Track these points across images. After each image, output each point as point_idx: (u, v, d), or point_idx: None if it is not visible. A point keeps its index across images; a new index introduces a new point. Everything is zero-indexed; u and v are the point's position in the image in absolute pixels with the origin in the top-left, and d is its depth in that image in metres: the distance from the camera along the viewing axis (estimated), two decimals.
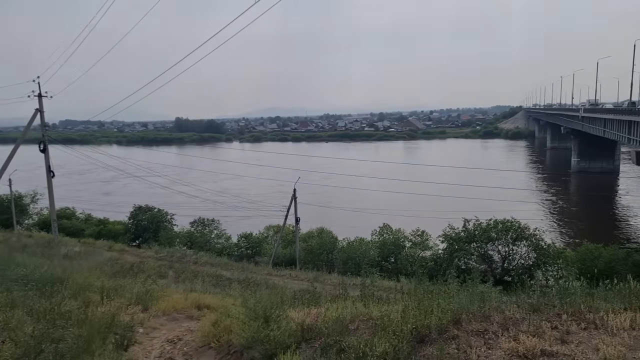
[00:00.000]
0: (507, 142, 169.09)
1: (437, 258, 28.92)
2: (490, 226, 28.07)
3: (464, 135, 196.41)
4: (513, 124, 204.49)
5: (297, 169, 45.28)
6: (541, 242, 27.27)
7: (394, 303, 7.00)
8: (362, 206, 51.83)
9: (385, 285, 22.13)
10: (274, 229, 35.92)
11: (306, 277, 23.34)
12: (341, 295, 8.42)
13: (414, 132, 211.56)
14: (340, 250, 30.19)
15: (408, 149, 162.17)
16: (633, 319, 5.51)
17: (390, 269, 29.50)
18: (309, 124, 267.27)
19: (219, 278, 20.58)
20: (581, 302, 6.07)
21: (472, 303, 6.29)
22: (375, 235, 32.94)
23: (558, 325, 5.58)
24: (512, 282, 25.40)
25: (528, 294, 6.74)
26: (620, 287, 6.63)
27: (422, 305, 6.04)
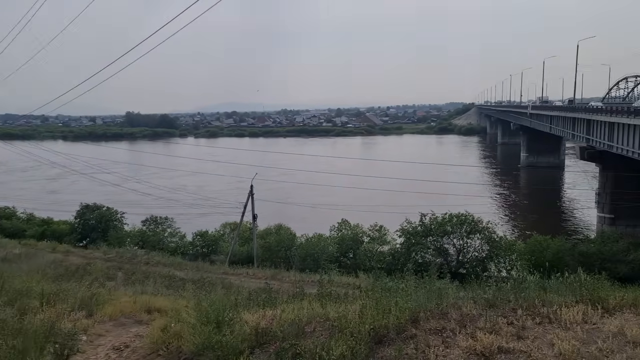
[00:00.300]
0: (461, 137, 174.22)
1: (395, 252, 29.25)
2: (445, 220, 28.66)
3: (420, 131, 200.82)
4: (466, 120, 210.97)
5: (256, 165, 44.68)
6: (493, 235, 28.12)
7: (352, 302, 6.83)
8: (321, 202, 51.82)
9: (344, 281, 22.13)
10: (230, 226, 35.19)
11: (264, 275, 22.98)
12: (298, 295, 8.16)
13: (371, 127, 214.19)
14: (298, 247, 29.96)
15: (366, 144, 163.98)
16: (585, 312, 5.58)
17: (349, 264, 29.57)
18: (267, 119, 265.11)
19: (172, 279, 19.87)
20: (535, 297, 6.11)
21: (430, 300, 6.21)
22: (334, 231, 32.94)
23: (514, 320, 5.58)
24: (467, 274, 26.04)
25: (484, 289, 6.74)
26: (571, 279, 6.74)
27: (380, 305, 5.90)
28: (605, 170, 46.48)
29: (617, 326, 5.15)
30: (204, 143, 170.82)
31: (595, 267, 26.92)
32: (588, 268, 26.20)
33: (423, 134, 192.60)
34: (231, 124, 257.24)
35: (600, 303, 5.82)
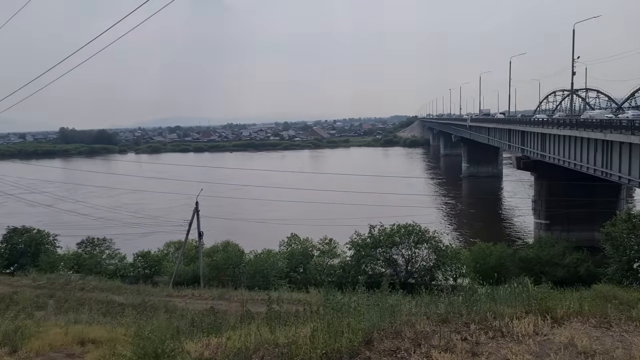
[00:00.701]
0: (406, 149, 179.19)
1: (345, 265, 29.24)
2: (394, 231, 29.05)
3: (367, 144, 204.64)
4: (410, 132, 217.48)
5: (203, 181, 43.44)
6: (440, 244, 28.77)
7: (303, 324, 6.50)
8: (272, 217, 51.14)
9: (294, 297, 21.70)
10: (175, 245, 33.75)
11: (210, 295, 22.07)
12: (245, 318, 7.70)
13: (318, 141, 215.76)
14: (247, 264, 29.19)
15: (314, 157, 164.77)
16: (535, 324, 5.56)
17: (300, 279, 29.17)
18: (212, 134, 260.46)
19: (110, 304, 18.54)
20: (486, 310, 6.05)
21: (383, 319, 6.00)
22: (283, 246, 32.44)
23: (467, 336, 5.46)
24: (416, 284, 26.37)
25: (436, 304, 6.62)
26: (519, 290, 6.77)
27: (332, 327, 5.61)
28: (540, 178, 49.11)
29: (568, 337, 5.15)
30: (146, 159, 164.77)
31: (535, 271, 28.28)
32: (528, 272, 27.49)
33: (370, 147, 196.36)
34: (175, 139, 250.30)
35: (549, 313, 5.84)
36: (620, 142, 32.59)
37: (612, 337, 5.18)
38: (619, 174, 33.45)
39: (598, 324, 5.57)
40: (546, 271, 28.17)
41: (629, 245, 23.41)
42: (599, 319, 5.69)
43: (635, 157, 31.19)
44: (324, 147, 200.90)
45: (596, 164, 36.73)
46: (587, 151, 38.27)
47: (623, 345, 4.94)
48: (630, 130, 31.36)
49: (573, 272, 28.42)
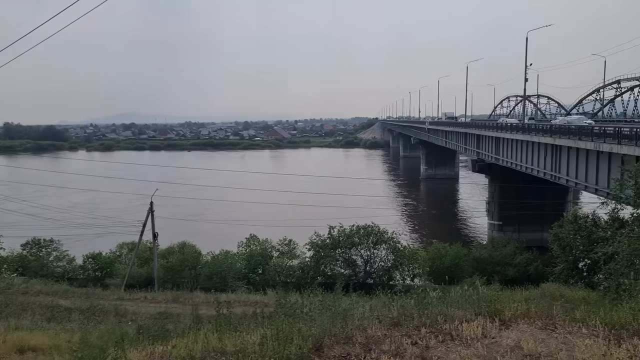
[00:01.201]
0: (366, 151, 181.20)
1: (305, 266, 29.14)
2: (353, 232, 29.16)
3: (328, 145, 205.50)
4: (371, 134, 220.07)
5: (160, 180, 42.18)
6: (398, 245, 29.15)
7: (253, 330, 6.31)
8: (231, 217, 50.37)
9: (251, 299, 21.42)
10: (128, 246, 32.57)
11: (164, 298, 21.40)
12: (195, 324, 7.41)
13: (279, 141, 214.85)
14: (204, 265, 28.57)
15: (275, 157, 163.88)
16: (484, 326, 5.62)
17: (258, 280, 28.83)
18: (169, 132, 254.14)
19: (56, 309, 17.57)
20: (438, 313, 6.07)
21: (335, 324, 5.90)
22: (242, 246, 31.95)
23: (418, 340, 5.45)
24: (374, 284, 26.59)
25: (389, 308, 6.60)
26: (470, 292, 6.85)
27: (282, 333, 5.45)
28: (494, 181, 50.75)
29: (514, 339, 5.22)
30: (98, 157, 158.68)
31: (488, 271, 29.16)
32: (482, 272, 28.24)
33: (331, 148, 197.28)
34: (129, 136, 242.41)
35: (498, 315, 5.93)
36: (568, 147, 34.11)
37: (557, 339, 5.30)
38: (567, 177, 35.01)
39: (544, 325, 5.69)
40: (498, 271, 29.09)
41: (575, 245, 24.41)
42: (544, 320, 5.82)
43: (582, 162, 32.73)
44: (284, 148, 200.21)
45: (546, 167, 38.30)
46: (537, 155, 39.86)
47: (567, 347, 5.06)
48: (578, 135, 32.90)
49: (523, 271, 29.50)
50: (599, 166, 30.47)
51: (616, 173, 25.64)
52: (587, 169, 32.11)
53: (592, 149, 30.50)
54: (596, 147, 29.77)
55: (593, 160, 31.16)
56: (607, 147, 28.42)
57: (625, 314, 5.55)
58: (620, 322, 5.46)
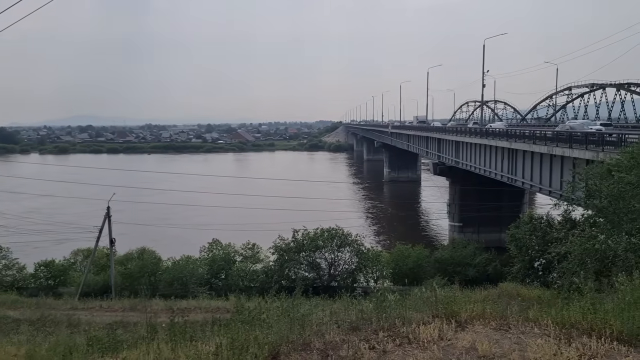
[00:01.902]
0: (331, 154, 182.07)
1: (268, 270, 28.90)
2: (317, 235, 29.16)
3: (292, 148, 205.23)
4: (335, 137, 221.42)
5: (118, 184, 40.76)
6: (362, 247, 29.34)
7: (209, 339, 6.11)
8: (193, 222, 49.36)
9: (213, 305, 20.99)
10: (83, 253, 31.30)
11: (121, 306, 20.67)
12: (148, 333, 7.12)
13: (243, 144, 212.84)
14: (164, 272, 27.82)
15: (239, 161, 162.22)
16: (441, 329, 5.65)
17: (221, 285, 28.34)
18: (128, 135, 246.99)
19: (3, 321, 16.62)
20: (396, 316, 6.07)
21: (292, 330, 5.79)
22: (204, 251, 31.34)
23: (375, 344, 5.42)
24: (338, 287, 26.64)
25: (347, 312, 6.55)
26: (427, 294, 6.90)
27: (237, 342, 5.30)
28: (454, 183, 52.02)
29: (470, 341, 5.27)
30: (52, 160, 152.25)
31: (449, 271, 29.76)
32: (443, 273, 28.77)
33: (295, 151, 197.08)
34: (86, 139, 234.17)
35: (454, 317, 5.98)
36: (524, 151, 35.35)
37: (510, 340, 5.39)
38: (523, 179, 36.26)
39: (498, 326, 5.79)
40: (459, 271, 29.73)
41: (531, 245, 25.24)
42: (499, 321, 5.92)
43: (537, 165, 33.97)
44: (248, 151, 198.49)
45: (503, 170, 39.55)
46: (495, 158, 41.12)
47: (519, 347, 5.15)
48: (533, 140, 34.15)
49: (482, 271, 30.27)
50: (552, 169, 31.71)
51: (568, 176, 26.72)
52: (541, 171, 33.36)
53: (545, 152, 31.71)
54: (549, 151, 30.97)
55: (547, 163, 32.39)
56: (559, 150, 29.61)
57: (575, 313, 5.72)
58: (571, 321, 5.61)
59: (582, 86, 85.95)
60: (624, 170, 14.72)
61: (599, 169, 16.95)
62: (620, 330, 5.25)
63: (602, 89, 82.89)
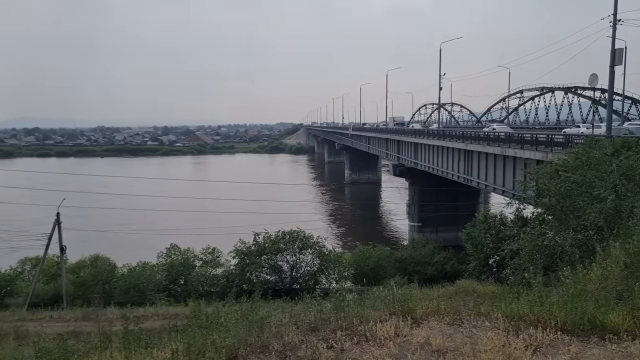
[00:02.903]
0: (292, 156, 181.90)
1: (229, 274, 28.54)
2: (279, 238, 29.05)
3: (252, 150, 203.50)
4: (296, 140, 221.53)
5: (70, 190, 39.18)
6: (323, 249, 29.46)
7: (165, 346, 5.98)
8: (151, 227, 48.01)
9: (171, 312, 20.53)
10: (32, 261, 29.84)
11: (74, 316, 19.87)
12: (102, 343, 6.90)
13: (202, 146, 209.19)
14: (120, 279, 26.95)
15: (198, 164, 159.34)
16: (397, 326, 5.77)
17: (180, 291, 27.72)
18: (79, 137, 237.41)
19: None
20: (354, 315, 6.15)
21: (251, 333, 5.76)
22: (162, 257, 30.55)
23: (334, 344, 5.48)
24: (300, 289, 26.63)
25: (306, 313, 6.58)
26: (385, 293, 7.03)
27: (194, 347, 5.22)
28: (413, 184, 53.10)
29: (424, 336, 5.42)
30: None
31: (409, 270, 30.37)
32: (403, 272, 29.30)
33: (255, 153, 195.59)
34: (32, 142, 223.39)
35: (410, 314, 6.13)
36: (479, 152, 36.55)
37: (463, 334, 5.58)
38: (478, 180, 37.48)
39: (452, 321, 5.98)
40: (418, 270, 30.40)
41: (486, 243, 26.11)
42: (452, 316, 6.11)
43: (491, 165, 35.21)
44: (207, 154, 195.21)
45: (460, 171, 40.74)
46: (452, 159, 42.30)
47: (471, 340, 5.34)
48: (487, 141, 35.37)
49: (440, 269, 31.06)
50: (506, 169, 32.95)
51: (520, 175, 27.83)
52: (495, 172, 34.60)
53: (499, 153, 32.92)
54: (502, 152, 32.18)
55: (500, 164, 33.63)
56: (511, 151, 30.82)
57: (524, 306, 5.98)
58: (519, 313, 5.87)
59: (533, 89, 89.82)
60: (570, 170, 15.47)
61: (548, 169, 17.70)
62: (564, 321, 5.53)
63: (551, 92, 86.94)
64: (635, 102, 70.83)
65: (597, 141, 17.62)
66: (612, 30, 24.69)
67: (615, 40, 24.33)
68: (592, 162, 14.89)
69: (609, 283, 6.79)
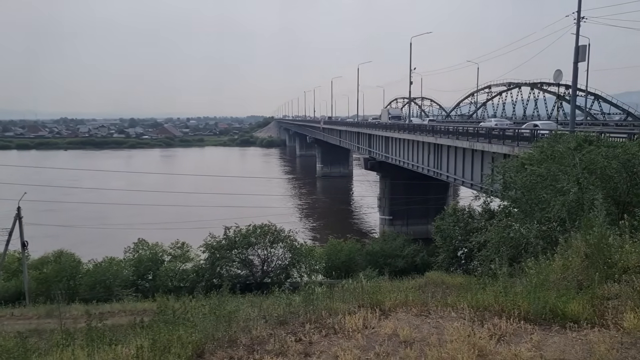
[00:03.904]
0: (263, 150, 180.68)
1: (199, 269, 28.20)
2: (250, 232, 28.84)
3: (223, 143, 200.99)
4: (267, 133, 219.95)
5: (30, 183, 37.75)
6: (295, 243, 29.42)
7: (129, 342, 5.83)
8: (119, 222, 46.92)
9: (139, 308, 20.15)
10: None
11: (36, 313, 19.26)
12: (65, 339, 6.67)
13: (170, 139, 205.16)
14: (85, 275, 26.26)
15: (166, 157, 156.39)
16: (365, 318, 5.81)
17: (148, 287, 27.22)
18: (41, 129, 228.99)
19: None
20: (323, 308, 6.15)
21: (218, 328, 5.69)
22: (130, 252, 29.91)
23: (302, 337, 5.46)
24: (272, 283, 26.55)
25: (274, 306, 6.55)
26: (354, 286, 7.06)
27: (159, 343, 5.10)
28: (384, 178, 53.63)
29: (392, 328, 5.47)
30: None
31: (380, 263, 30.71)
32: (374, 265, 29.57)
33: (226, 146, 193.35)
34: None
35: (379, 306, 6.17)
36: (448, 146, 37.18)
37: (429, 324, 5.66)
38: (447, 173, 38.16)
39: (419, 312, 6.05)
40: (389, 262, 30.77)
41: (454, 235, 26.63)
42: (420, 307, 6.19)
43: (460, 159, 35.88)
44: (176, 146, 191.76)
45: (430, 164, 41.36)
46: (422, 153, 42.90)
47: (437, 331, 5.42)
48: (456, 135, 36.00)
49: (411, 262, 31.54)
50: (474, 163, 33.65)
51: (487, 169, 28.48)
52: (464, 165, 35.29)
53: (467, 147, 33.57)
54: (471, 146, 32.83)
55: (469, 157, 34.31)
56: (480, 145, 31.48)
57: (489, 297, 6.12)
58: (485, 304, 5.99)
59: (501, 85, 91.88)
60: (535, 163, 15.89)
61: (514, 163, 18.14)
62: (527, 310, 5.68)
63: (518, 88, 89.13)
64: (597, 98, 73.42)
65: (562, 135, 18.17)
66: (576, 28, 25.42)
67: (579, 37, 25.05)
68: (556, 156, 15.33)
69: (570, 273, 7.01)
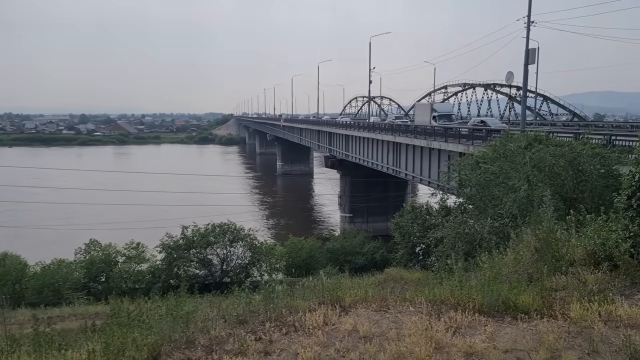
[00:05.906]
0: (222, 147, 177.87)
1: (155, 270, 27.47)
2: (208, 231, 28.35)
3: (180, 141, 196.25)
4: (226, 130, 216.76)
5: None
6: (255, 241, 29.16)
7: (80, 346, 5.59)
8: (68, 222, 45.00)
9: (91, 311, 19.43)
10: None
11: None
12: (7, 347, 6.31)
13: (124, 136, 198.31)
14: (32, 278, 25.03)
15: (120, 155, 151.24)
16: (326, 315, 5.82)
17: (101, 289, 26.24)
18: None
19: None
20: (283, 306, 6.12)
21: (175, 329, 5.54)
22: (81, 253, 28.74)
23: (262, 335, 5.41)
24: (231, 282, 26.20)
25: (234, 305, 6.45)
26: (314, 283, 7.07)
27: (113, 346, 4.91)
28: (345, 176, 54.07)
29: (352, 324, 5.51)
30: None
31: (340, 260, 30.93)
32: (335, 262, 29.74)
33: (183, 144, 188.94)
34: None
35: (339, 302, 6.20)
36: (406, 144, 37.90)
37: (389, 319, 5.74)
38: (406, 171, 38.90)
39: (379, 308, 6.13)
40: (349, 260, 31.04)
41: (413, 232, 27.15)
42: (379, 303, 6.27)
43: (417, 157, 36.66)
44: (130, 144, 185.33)
45: (389, 162, 42.04)
46: (382, 151, 43.54)
47: (396, 325, 5.50)
48: (414, 134, 36.74)
49: (371, 258, 31.93)
50: (431, 161, 34.47)
51: (444, 167, 29.26)
52: (421, 163, 36.09)
53: (425, 145, 34.33)
54: (428, 144, 33.60)
55: (426, 156, 35.11)
56: (436, 144, 32.26)
57: (445, 291, 6.27)
58: (441, 298, 6.14)
59: (456, 85, 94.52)
60: (489, 161, 16.46)
61: (469, 161, 18.71)
62: (482, 303, 5.86)
63: (472, 88, 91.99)
64: (546, 99, 76.85)
65: (513, 134, 18.89)
66: (526, 31, 26.50)
67: (529, 40, 26.13)
68: (508, 155, 15.93)
69: (521, 267, 7.30)
